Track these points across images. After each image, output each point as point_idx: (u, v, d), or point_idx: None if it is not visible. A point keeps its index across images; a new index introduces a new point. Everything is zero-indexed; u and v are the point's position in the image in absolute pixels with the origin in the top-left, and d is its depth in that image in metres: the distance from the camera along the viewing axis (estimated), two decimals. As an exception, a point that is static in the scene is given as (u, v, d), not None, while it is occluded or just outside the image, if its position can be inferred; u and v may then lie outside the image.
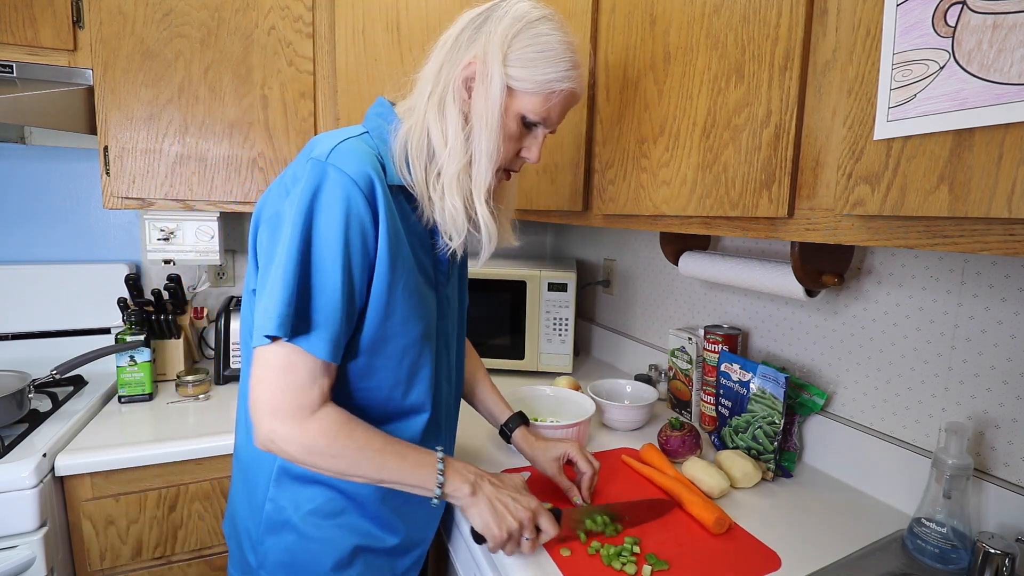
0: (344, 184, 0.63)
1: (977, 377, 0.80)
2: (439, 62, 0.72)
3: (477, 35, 0.71)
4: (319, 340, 0.63)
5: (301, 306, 0.63)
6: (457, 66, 0.71)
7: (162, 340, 1.39)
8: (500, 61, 0.69)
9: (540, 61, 0.70)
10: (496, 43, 0.69)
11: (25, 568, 0.93)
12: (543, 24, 0.71)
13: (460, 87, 0.71)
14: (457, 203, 0.70)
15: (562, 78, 0.72)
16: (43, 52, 1.16)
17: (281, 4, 1.28)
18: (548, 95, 0.72)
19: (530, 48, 0.70)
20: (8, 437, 1.01)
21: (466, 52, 0.71)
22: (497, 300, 1.52)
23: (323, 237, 0.63)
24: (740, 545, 0.78)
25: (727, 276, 1.09)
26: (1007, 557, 0.65)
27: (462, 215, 0.71)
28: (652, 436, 1.14)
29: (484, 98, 0.70)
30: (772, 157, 0.68)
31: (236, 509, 0.80)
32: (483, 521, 0.71)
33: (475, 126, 0.70)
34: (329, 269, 0.63)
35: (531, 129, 0.75)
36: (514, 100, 0.71)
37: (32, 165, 1.44)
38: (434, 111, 0.70)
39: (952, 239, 0.51)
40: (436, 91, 0.71)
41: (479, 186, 0.71)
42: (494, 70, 0.69)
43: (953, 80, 0.47)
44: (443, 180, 0.70)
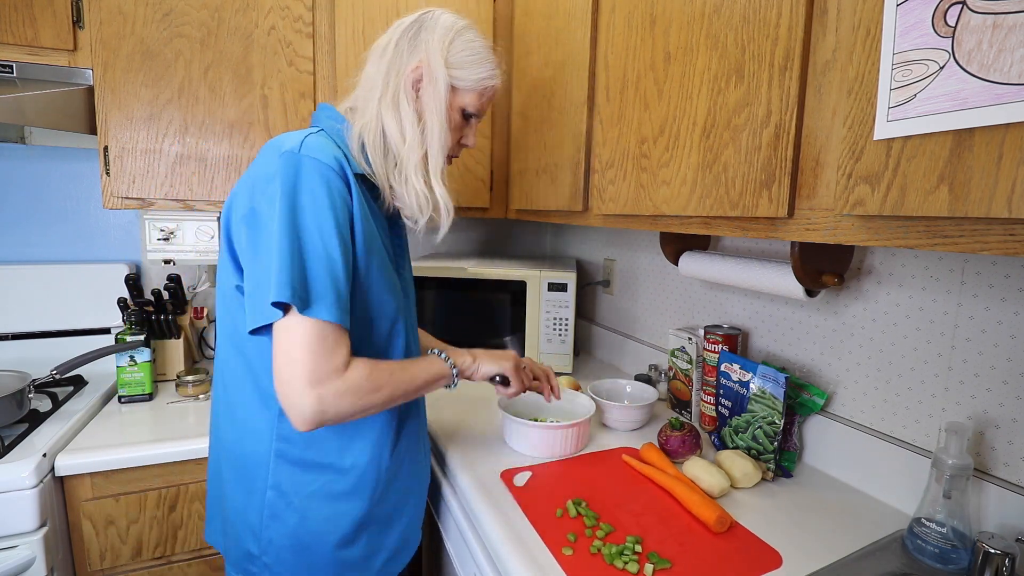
0: (321, 168, 0.70)
1: (977, 377, 0.80)
2: (384, 67, 0.82)
3: (416, 43, 0.82)
4: (329, 306, 0.68)
5: (304, 280, 0.67)
6: (404, 70, 0.81)
7: (162, 340, 1.39)
8: (443, 64, 0.82)
9: (474, 63, 0.85)
10: (436, 49, 0.82)
11: (25, 568, 0.93)
12: (469, 32, 0.86)
13: (410, 88, 0.81)
14: (421, 186, 0.81)
15: (492, 76, 0.87)
16: (43, 52, 1.16)
17: (281, 4, 1.28)
18: (482, 91, 0.87)
19: (464, 52, 0.84)
20: (8, 437, 1.01)
21: (409, 57, 0.82)
22: (497, 300, 1.52)
23: (311, 214, 0.69)
24: (741, 544, 0.78)
25: (727, 276, 1.09)
26: (1007, 557, 0.65)
27: (424, 196, 0.82)
28: (652, 436, 1.14)
29: (433, 96, 0.81)
30: (772, 157, 0.68)
31: (228, 506, 0.82)
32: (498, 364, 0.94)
33: (427, 120, 0.82)
34: (323, 241, 0.69)
35: (468, 120, 0.89)
36: (456, 96, 0.85)
37: (32, 165, 1.44)
38: (389, 110, 0.81)
39: (952, 239, 0.51)
40: (387, 92, 0.81)
41: (436, 170, 0.83)
42: (439, 72, 0.81)
43: (953, 80, 0.47)
44: (406, 169, 0.81)
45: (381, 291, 0.79)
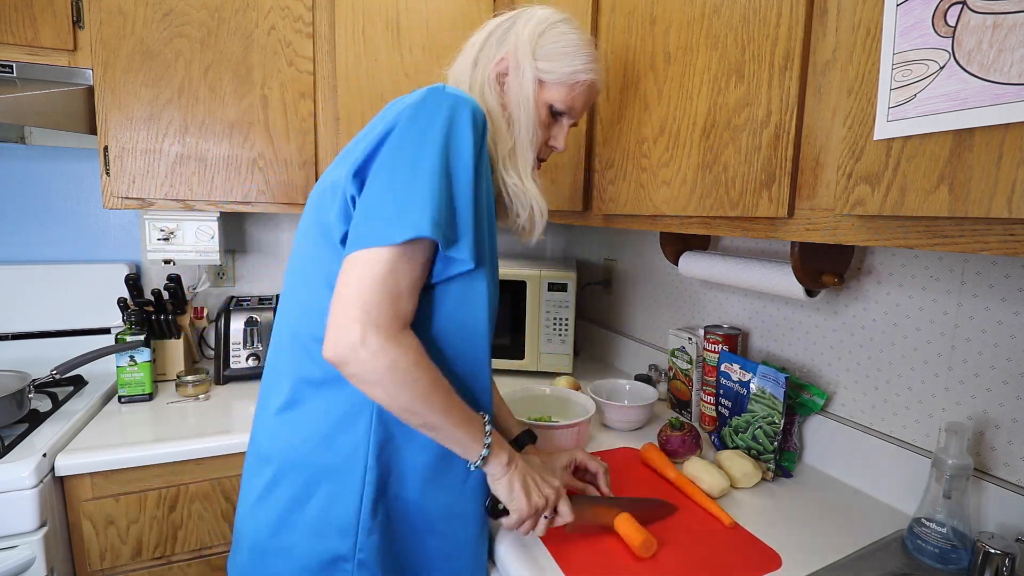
0: (472, 107, 0.65)
1: (977, 377, 0.80)
2: (472, 59, 0.79)
3: (506, 36, 0.79)
4: (464, 247, 0.63)
5: (451, 218, 0.62)
6: (490, 63, 0.78)
7: (162, 340, 1.39)
8: (530, 55, 0.77)
9: (564, 55, 0.79)
10: (525, 40, 0.78)
11: (25, 568, 0.93)
12: (564, 25, 0.81)
13: (494, 81, 0.78)
14: (515, 180, 0.77)
15: (585, 69, 0.80)
16: (43, 52, 1.16)
17: (281, 4, 1.28)
18: (572, 85, 0.80)
19: (555, 44, 0.79)
20: (8, 437, 1.01)
21: (497, 50, 0.79)
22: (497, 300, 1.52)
23: (466, 153, 0.63)
24: (741, 544, 0.78)
25: (727, 276, 1.09)
26: (1007, 557, 0.65)
27: (522, 190, 0.77)
28: (652, 436, 1.14)
29: (518, 88, 0.77)
30: (772, 157, 0.68)
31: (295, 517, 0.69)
32: (513, 493, 0.71)
33: (513, 114, 0.78)
34: (464, 180, 0.63)
35: (557, 119, 0.83)
36: (543, 91, 0.79)
37: (32, 165, 1.44)
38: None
39: (952, 239, 0.51)
40: (475, 85, 0.78)
41: (526, 167, 0.78)
42: (525, 64, 0.77)
43: (953, 80, 0.47)
44: (496, 162, 0.76)
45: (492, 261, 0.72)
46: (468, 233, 0.63)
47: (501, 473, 0.71)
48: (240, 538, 0.74)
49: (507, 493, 0.71)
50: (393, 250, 0.59)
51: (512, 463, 0.72)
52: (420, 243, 0.61)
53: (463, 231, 0.63)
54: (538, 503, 0.72)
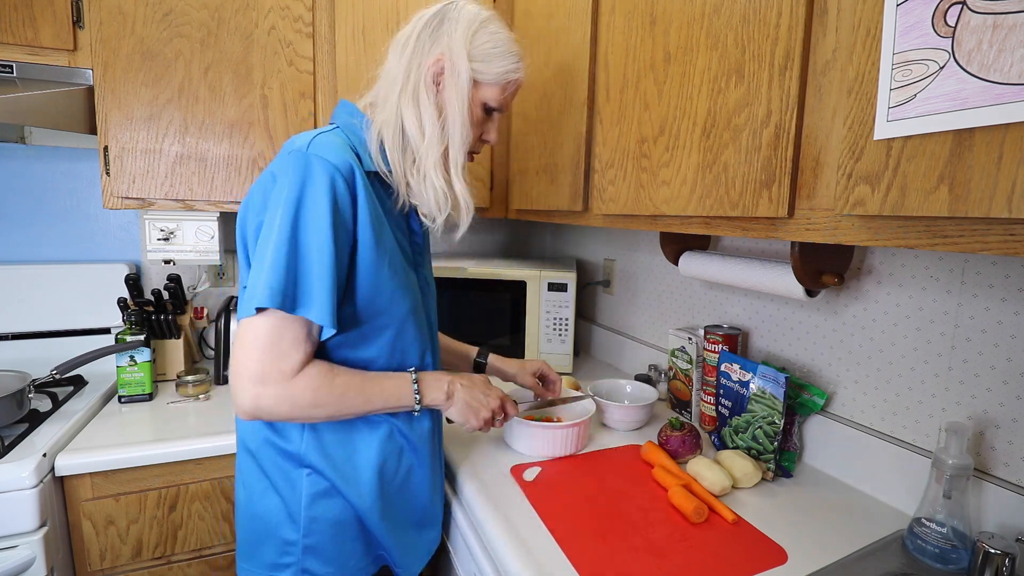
0: (327, 169, 0.69)
1: (977, 377, 0.80)
2: (405, 59, 0.79)
3: (437, 34, 0.79)
4: (317, 306, 0.68)
5: (294, 280, 0.68)
6: (425, 63, 0.79)
7: (162, 340, 1.39)
8: (465, 56, 0.79)
9: (498, 56, 0.81)
10: (459, 41, 0.78)
11: (25, 568, 0.93)
12: (493, 23, 0.82)
13: (430, 81, 0.79)
14: (441, 183, 0.79)
15: (515, 69, 0.84)
16: (43, 52, 1.16)
17: (281, 4, 1.28)
18: (505, 85, 0.83)
19: (487, 45, 0.81)
20: (8, 437, 1.01)
21: (431, 50, 0.79)
22: (497, 300, 1.52)
23: (311, 217, 0.68)
24: (747, 539, 0.79)
25: (727, 276, 1.09)
26: (1007, 557, 0.65)
27: (444, 193, 0.80)
28: (652, 436, 1.14)
29: (455, 90, 0.79)
30: (772, 157, 0.68)
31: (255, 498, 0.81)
32: (463, 417, 0.86)
33: (448, 115, 0.79)
34: (318, 244, 0.68)
35: (490, 115, 0.86)
36: (478, 91, 0.82)
37: (32, 165, 1.44)
38: (409, 104, 0.78)
39: (952, 239, 0.51)
40: (408, 86, 0.79)
41: (457, 166, 0.81)
42: (461, 65, 0.78)
43: (953, 80, 0.47)
44: (425, 165, 0.78)
45: (394, 289, 0.78)
46: (321, 297, 0.68)
47: (446, 406, 0.84)
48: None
49: (459, 418, 0.86)
50: (263, 318, 0.68)
51: (450, 396, 0.84)
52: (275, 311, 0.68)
53: (312, 296, 0.68)
54: (485, 416, 0.87)
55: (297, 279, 0.68)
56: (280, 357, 0.68)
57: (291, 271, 0.67)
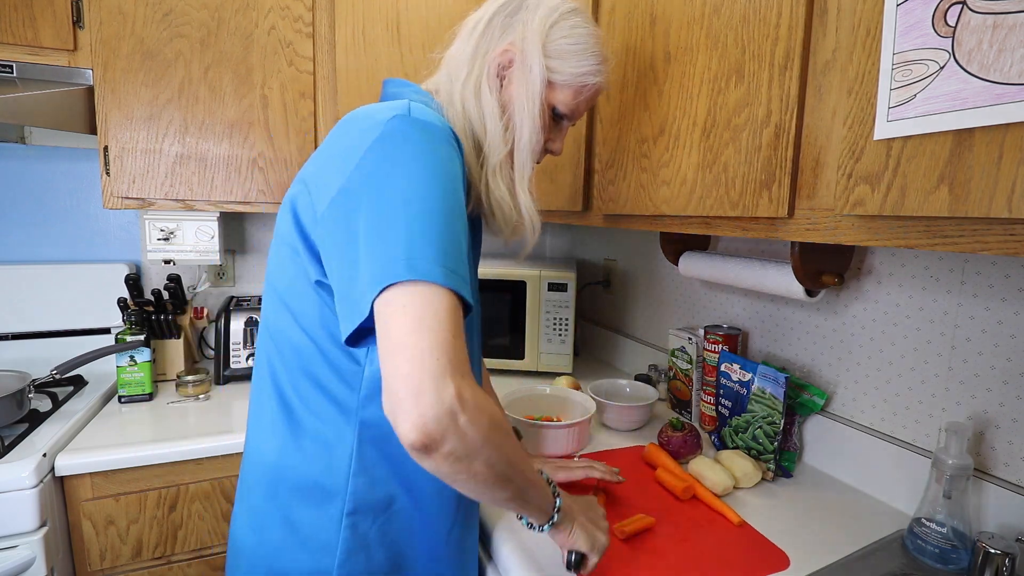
0: (443, 132, 0.58)
1: (977, 377, 0.80)
2: (472, 45, 0.69)
3: (512, 21, 0.69)
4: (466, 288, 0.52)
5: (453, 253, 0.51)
6: (492, 52, 0.69)
7: (162, 340, 1.39)
8: (539, 50, 0.68)
9: (575, 54, 0.70)
10: (534, 32, 0.68)
11: (25, 568, 0.93)
12: (576, 16, 0.72)
13: (494, 74, 0.69)
14: (504, 192, 0.69)
15: (594, 71, 0.72)
16: (43, 52, 1.16)
17: (281, 4, 1.28)
18: (580, 88, 0.72)
19: (566, 40, 0.70)
20: (8, 437, 1.01)
21: (501, 38, 0.69)
22: (497, 300, 1.52)
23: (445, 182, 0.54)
24: (750, 542, 0.79)
25: (727, 276, 1.09)
26: (1007, 557, 0.65)
27: (509, 204, 0.69)
28: (652, 436, 1.14)
29: (524, 87, 0.68)
30: (772, 157, 0.68)
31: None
32: (591, 537, 0.65)
33: (515, 116, 0.69)
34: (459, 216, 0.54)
35: (558, 122, 0.75)
36: (549, 92, 0.71)
37: (32, 165, 1.44)
38: (471, 96, 0.68)
39: (952, 239, 0.51)
40: (472, 76, 0.69)
41: (522, 176, 0.70)
42: (534, 60, 0.68)
43: (953, 80, 0.47)
44: (487, 169, 0.68)
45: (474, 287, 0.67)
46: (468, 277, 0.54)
47: (570, 524, 0.64)
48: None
49: (588, 540, 0.64)
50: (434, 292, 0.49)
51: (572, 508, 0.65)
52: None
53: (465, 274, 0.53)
54: (606, 530, 0.68)
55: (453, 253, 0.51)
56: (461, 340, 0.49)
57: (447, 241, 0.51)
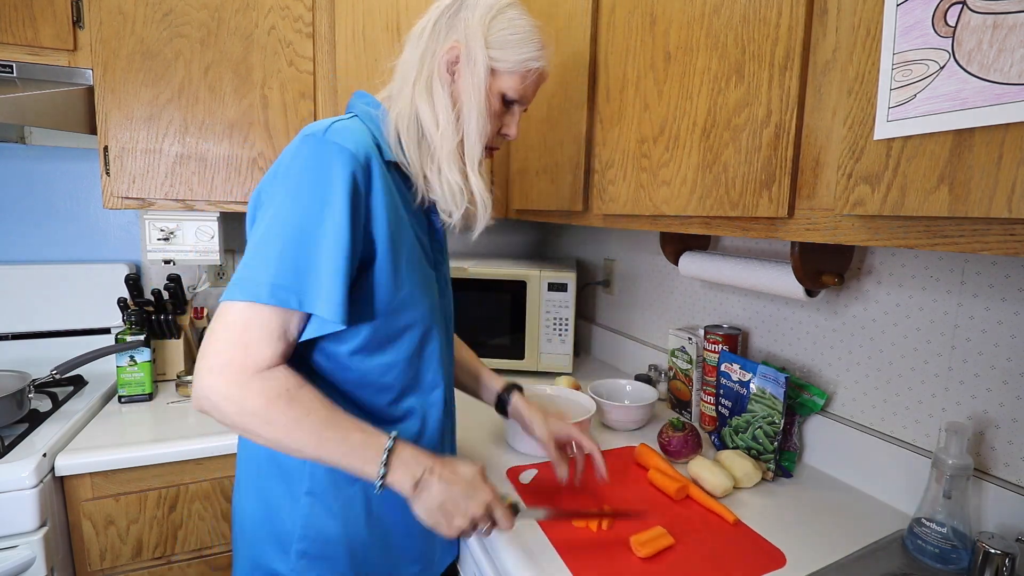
0: (343, 155, 0.64)
1: (977, 377, 0.80)
2: (420, 49, 0.76)
3: (454, 22, 0.76)
4: (326, 299, 0.63)
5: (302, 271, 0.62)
6: (439, 51, 0.75)
7: (162, 340, 1.39)
8: (482, 43, 0.74)
9: (516, 43, 0.76)
10: (476, 27, 0.74)
11: (25, 568, 0.93)
12: (512, 9, 0.78)
13: (444, 71, 0.75)
14: (456, 177, 0.75)
15: (536, 57, 0.78)
16: (43, 52, 1.16)
17: (281, 4, 1.28)
18: (525, 73, 0.78)
19: (506, 31, 0.76)
20: (8, 437, 1.01)
21: (446, 38, 0.75)
22: (497, 300, 1.52)
23: (324, 202, 0.63)
24: (746, 542, 0.79)
25: (727, 276, 1.09)
26: (1007, 557, 0.65)
27: (459, 188, 0.75)
28: (652, 436, 1.14)
29: (470, 79, 0.75)
30: (772, 157, 0.68)
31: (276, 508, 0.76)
32: (431, 520, 0.67)
33: (464, 106, 0.75)
34: (333, 231, 0.63)
35: (509, 107, 0.81)
36: (496, 80, 0.77)
37: (32, 165, 1.44)
38: (422, 95, 0.75)
39: (952, 239, 0.51)
40: (421, 76, 0.75)
41: (473, 161, 0.76)
42: (477, 53, 0.74)
43: (953, 80, 0.47)
44: (439, 158, 0.75)
45: (414, 287, 0.73)
46: (331, 290, 0.62)
47: (411, 499, 0.67)
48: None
49: (426, 517, 0.67)
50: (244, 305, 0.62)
51: (420, 486, 0.66)
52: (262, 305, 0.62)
53: (320, 289, 0.62)
54: (460, 525, 0.67)
55: (305, 270, 0.62)
56: (245, 347, 0.61)
57: (298, 261, 0.62)
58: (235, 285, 0.62)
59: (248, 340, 0.62)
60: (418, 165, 0.76)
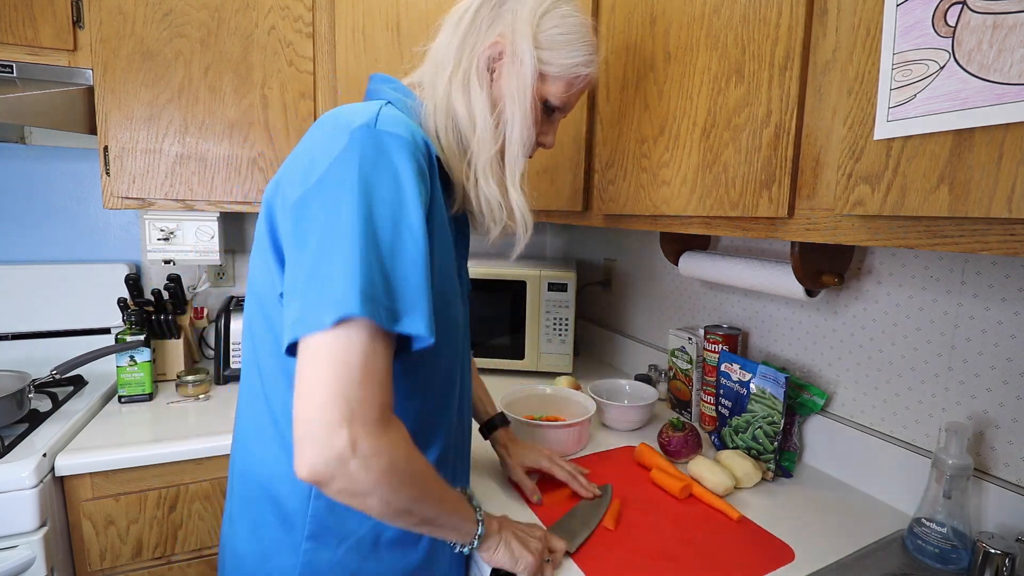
0: (406, 146, 0.55)
1: (977, 377, 0.80)
2: (459, 37, 0.67)
3: (500, 12, 0.67)
4: (420, 315, 0.51)
5: (388, 281, 0.51)
6: (481, 44, 0.66)
7: (162, 340, 1.38)
8: (530, 41, 0.66)
9: (567, 44, 0.69)
10: (525, 22, 0.66)
11: (25, 568, 0.93)
12: (566, 5, 0.70)
13: (484, 68, 0.67)
14: (494, 190, 0.67)
15: (586, 62, 0.71)
16: (43, 52, 1.16)
17: (281, 4, 1.28)
18: (572, 80, 0.70)
19: (557, 30, 0.68)
20: (8, 437, 1.01)
21: (489, 29, 0.67)
22: (497, 300, 1.52)
23: (398, 205, 0.53)
24: (753, 538, 0.79)
25: (727, 276, 1.09)
26: (1007, 557, 0.65)
27: (498, 203, 0.67)
28: (652, 436, 1.14)
29: (515, 81, 0.66)
30: (772, 157, 0.68)
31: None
32: (515, 554, 0.67)
33: (507, 110, 0.67)
34: (412, 236, 0.53)
35: (550, 115, 0.74)
36: (541, 85, 0.69)
37: (32, 165, 1.44)
38: (459, 91, 0.66)
39: (952, 239, 0.51)
40: (459, 70, 0.66)
41: (513, 173, 0.68)
42: (525, 52, 0.66)
43: (953, 80, 0.47)
44: (475, 166, 0.66)
45: (455, 297, 0.64)
46: (422, 304, 0.52)
47: (496, 542, 0.66)
48: None
49: (510, 558, 0.66)
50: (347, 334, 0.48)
51: (501, 527, 0.68)
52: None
53: (413, 303, 0.52)
54: (537, 548, 0.69)
55: (392, 280, 0.51)
56: (377, 385, 0.49)
57: (383, 269, 0.50)
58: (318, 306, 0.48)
59: (380, 379, 0.49)
60: (459, 170, 0.67)
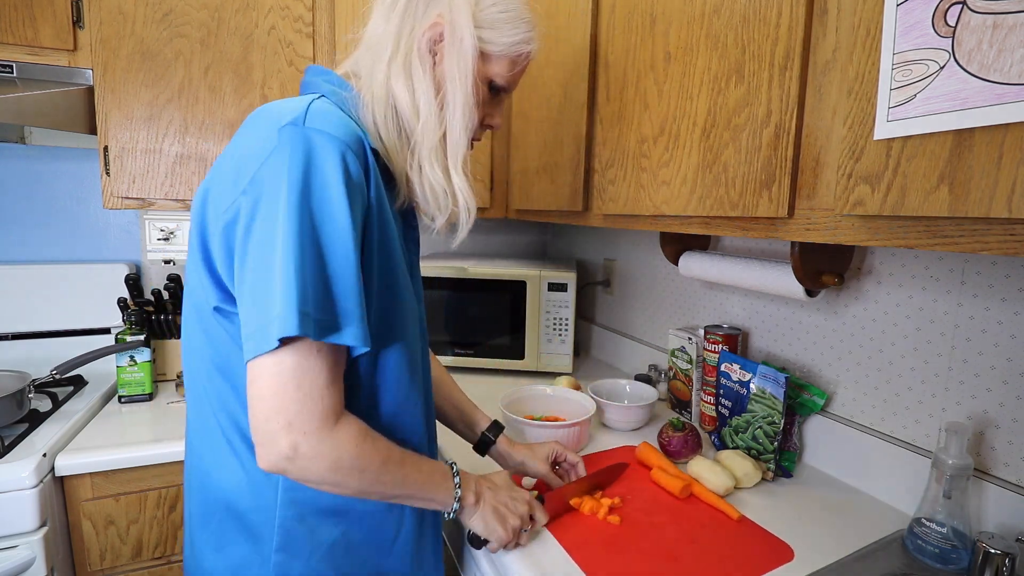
0: (336, 147, 0.54)
1: (977, 377, 0.80)
2: (395, 21, 0.64)
3: None
4: (352, 328, 0.54)
5: (325, 294, 0.53)
6: (419, 26, 0.64)
7: (162, 340, 1.39)
8: (470, 21, 0.64)
9: (507, 22, 0.67)
10: (463, 2, 0.64)
11: (25, 568, 0.93)
12: None
13: (424, 50, 0.64)
14: (438, 177, 0.65)
15: (528, 39, 0.69)
16: (43, 52, 1.16)
17: (281, 4, 1.28)
18: (516, 58, 0.69)
19: (496, 8, 0.66)
20: (8, 437, 1.01)
21: (427, 11, 0.64)
22: (497, 300, 1.52)
23: (328, 210, 0.53)
24: (753, 537, 0.79)
25: (727, 276, 1.09)
26: (1007, 557, 0.65)
27: (443, 189, 0.66)
28: (652, 436, 1.14)
29: (456, 62, 0.64)
30: (772, 157, 0.68)
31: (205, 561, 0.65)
32: (488, 526, 0.71)
33: (448, 93, 0.65)
34: (342, 245, 0.53)
35: (496, 95, 0.72)
36: (484, 65, 0.68)
37: (32, 165, 1.44)
38: (400, 77, 0.64)
39: (952, 239, 0.51)
40: (398, 54, 0.64)
41: (456, 157, 0.66)
42: (465, 31, 0.64)
43: (953, 80, 0.47)
44: (419, 154, 0.65)
45: (404, 297, 0.64)
46: (355, 313, 0.54)
47: (472, 512, 0.70)
48: None
49: (484, 527, 0.71)
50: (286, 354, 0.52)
51: (480, 499, 0.71)
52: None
53: (348, 313, 0.54)
54: (515, 525, 0.72)
55: (328, 293, 0.53)
56: (318, 395, 0.53)
57: (316, 281, 0.52)
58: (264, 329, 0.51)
59: (320, 388, 0.54)
60: (401, 161, 0.65)
